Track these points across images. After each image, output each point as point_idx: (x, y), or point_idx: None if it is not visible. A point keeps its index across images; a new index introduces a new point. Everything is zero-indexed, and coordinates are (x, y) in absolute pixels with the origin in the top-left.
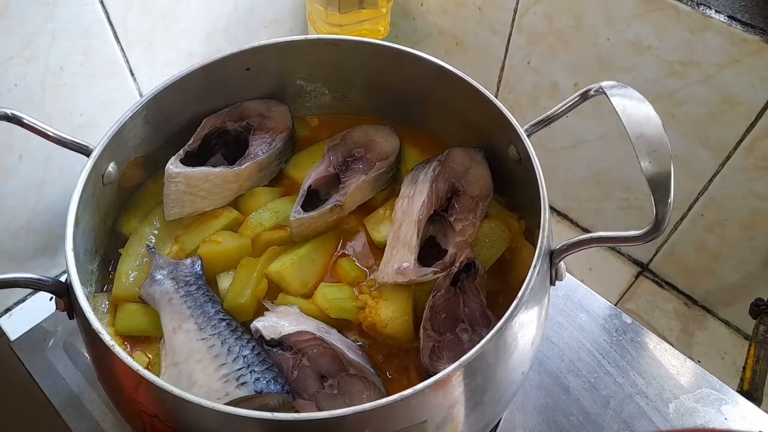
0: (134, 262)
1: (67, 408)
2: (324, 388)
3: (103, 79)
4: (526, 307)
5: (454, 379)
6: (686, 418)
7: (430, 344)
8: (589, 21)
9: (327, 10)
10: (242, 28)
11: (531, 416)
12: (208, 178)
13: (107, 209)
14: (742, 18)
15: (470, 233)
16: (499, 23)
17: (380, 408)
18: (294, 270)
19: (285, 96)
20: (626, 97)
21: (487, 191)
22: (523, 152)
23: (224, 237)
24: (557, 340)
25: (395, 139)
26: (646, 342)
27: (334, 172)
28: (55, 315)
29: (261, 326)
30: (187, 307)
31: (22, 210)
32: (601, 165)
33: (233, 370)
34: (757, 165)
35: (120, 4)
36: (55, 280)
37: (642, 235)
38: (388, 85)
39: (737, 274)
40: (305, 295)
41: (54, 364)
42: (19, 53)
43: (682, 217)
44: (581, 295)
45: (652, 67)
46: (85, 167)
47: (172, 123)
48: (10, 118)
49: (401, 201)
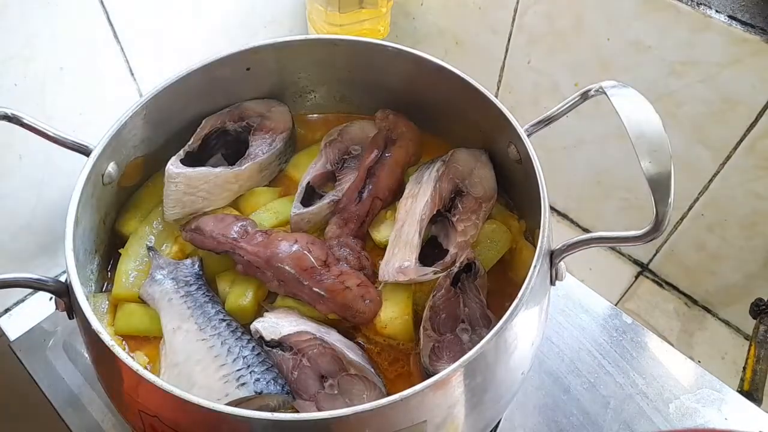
0: (134, 262)
1: (67, 408)
2: (324, 388)
3: (103, 79)
4: (526, 307)
5: (454, 379)
6: (686, 419)
7: (430, 344)
8: (590, 21)
9: (327, 10)
10: (242, 28)
11: (531, 416)
12: (208, 178)
13: (107, 209)
14: (742, 18)
15: (472, 234)
16: (500, 23)
17: (380, 408)
18: None
19: (285, 96)
20: (626, 97)
21: (491, 193)
22: (524, 152)
23: None
24: (557, 340)
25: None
26: (646, 342)
27: (331, 169)
28: (54, 315)
29: (261, 327)
30: (187, 308)
31: (22, 210)
32: (601, 165)
33: (233, 371)
34: (757, 165)
35: (120, 4)
36: (54, 280)
37: (642, 235)
38: (388, 85)
39: (737, 274)
40: None
41: (54, 364)
42: (19, 53)
43: (683, 217)
44: (581, 295)
45: (652, 67)
46: (84, 167)
47: (172, 123)
48: (10, 118)
49: (405, 200)
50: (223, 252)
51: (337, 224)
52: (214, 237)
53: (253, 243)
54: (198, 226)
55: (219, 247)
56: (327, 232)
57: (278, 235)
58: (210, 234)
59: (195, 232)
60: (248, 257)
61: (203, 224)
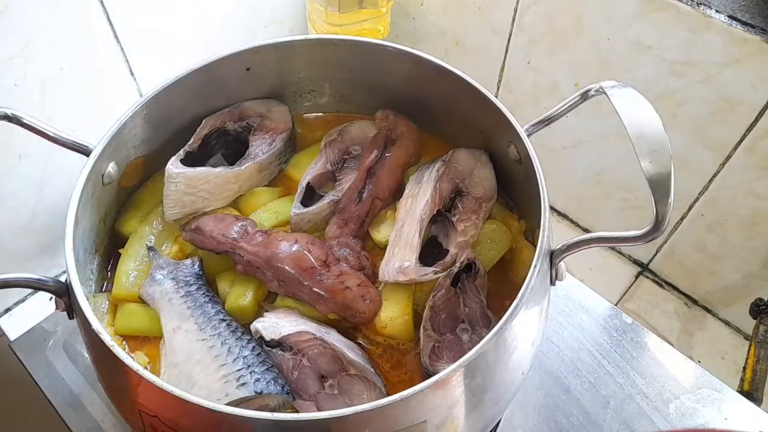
0: (134, 262)
1: (67, 408)
2: (324, 388)
3: (103, 79)
4: (526, 307)
5: (454, 379)
6: (686, 419)
7: (430, 344)
8: (590, 21)
9: (327, 10)
10: (242, 28)
11: (531, 416)
12: (208, 178)
13: (107, 209)
14: (742, 18)
15: (472, 234)
16: (500, 23)
17: (380, 408)
18: None
19: (285, 96)
20: (626, 97)
21: (491, 193)
22: (524, 152)
23: None
24: (557, 341)
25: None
26: (646, 342)
27: (331, 169)
28: (54, 315)
29: (261, 327)
30: (187, 308)
31: (22, 210)
32: (601, 165)
33: (233, 371)
34: (757, 165)
35: (120, 4)
36: (54, 280)
37: (642, 235)
38: (387, 85)
39: (737, 274)
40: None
41: (54, 365)
42: (19, 53)
43: (683, 217)
44: (581, 295)
45: (652, 67)
46: (84, 167)
47: (172, 123)
48: (10, 118)
49: (405, 200)
50: (223, 252)
51: (337, 224)
52: (214, 237)
53: (253, 243)
54: (198, 226)
55: (219, 247)
56: (327, 232)
57: (278, 235)
58: (210, 234)
59: (195, 232)
60: (248, 257)
61: (203, 224)
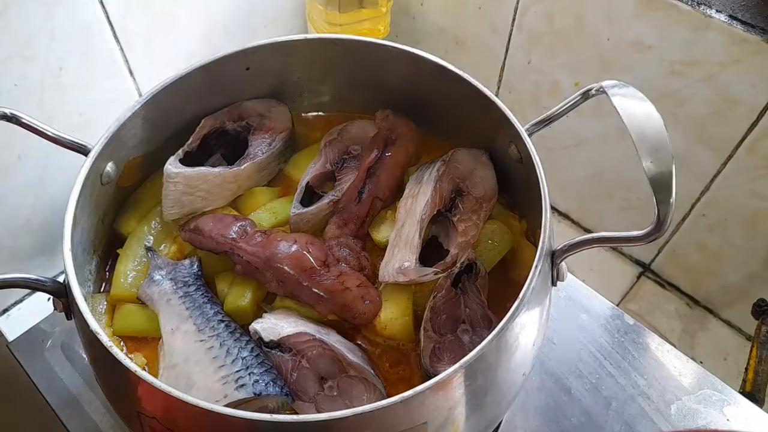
0: (133, 262)
1: (65, 409)
2: (324, 389)
3: (103, 78)
4: (527, 307)
5: (454, 380)
6: (688, 420)
7: (431, 345)
8: (590, 20)
9: (327, 10)
10: (242, 28)
11: (532, 418)
12: (207, 178)
13: (105, 209)
14: (742, 18)
15: (473, 234)
16: (500, 22)
17: (380, 410)
18: None
19: (284, 96)
20: (627, 96)
21: (492, 193)
22: (524, 152)
23: None
24: (558, 341)
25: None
26: (647, 343)
27: (330, 169)
28: (53, 315)
29: (260, 328)
30: (185, 308)
31: (21, 210)
32: (602, 165)
33: (232, 372)
34: (758, 165)
35: (119, 4)
36: (53, 281)
37: (644, 236)
38: (387, 84)
39: (739, 275)
40: None
41: (52, 365)
42: (19, 53)
43: (684, 218)
44: (583, 295)
45: (652, 67)
46: (83, 167)
47: (171, 123)
48: (9, 118)
49: (405, 200)
50: (222, 252)
51: (336, 224)
52: (213, 237)
53: (252, 243)
54: (197, 226)
55: (218, 247)
56: (326, 232)
57: (277, 235)
58: (209, 234)
59: (194, 232)
60: (247, 257)
61: (202, 224)
